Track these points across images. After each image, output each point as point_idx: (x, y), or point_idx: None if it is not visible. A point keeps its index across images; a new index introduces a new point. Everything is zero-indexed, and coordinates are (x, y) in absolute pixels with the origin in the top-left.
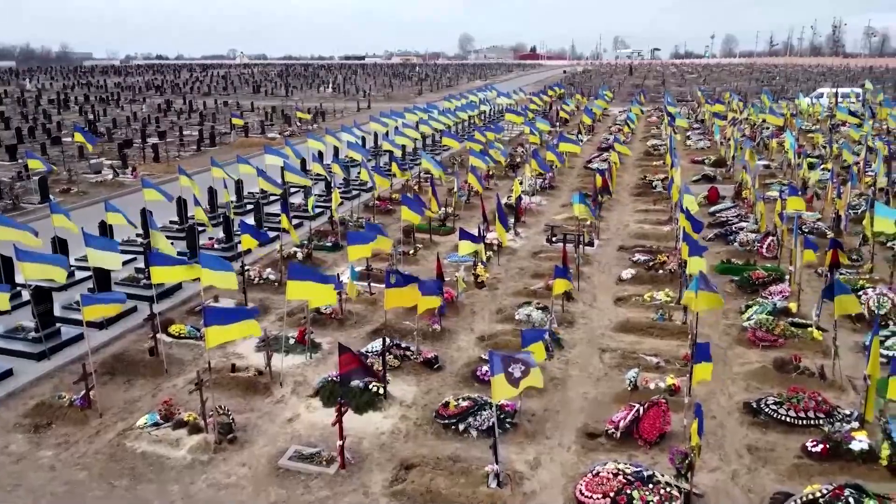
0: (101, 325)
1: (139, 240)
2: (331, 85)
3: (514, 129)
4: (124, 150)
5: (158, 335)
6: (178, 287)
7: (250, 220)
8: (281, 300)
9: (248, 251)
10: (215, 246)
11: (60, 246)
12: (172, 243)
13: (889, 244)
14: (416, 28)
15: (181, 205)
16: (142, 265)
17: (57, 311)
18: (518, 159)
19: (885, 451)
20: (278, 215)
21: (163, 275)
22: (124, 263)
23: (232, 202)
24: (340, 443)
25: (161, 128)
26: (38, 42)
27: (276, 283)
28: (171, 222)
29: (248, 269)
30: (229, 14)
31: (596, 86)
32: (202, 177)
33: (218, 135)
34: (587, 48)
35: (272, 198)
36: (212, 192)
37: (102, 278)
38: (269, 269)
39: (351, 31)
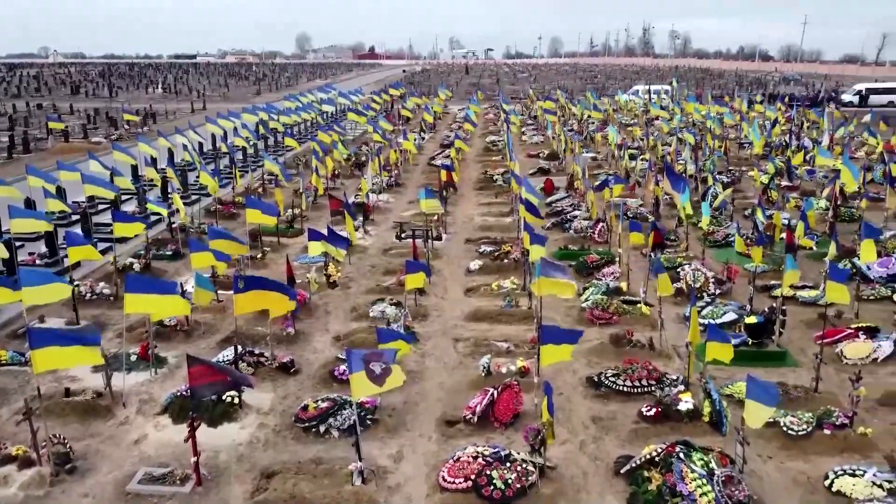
0: None
1: None
2: (160, 85)
3: (357, 129)
4: None
5: None
6: None
7: (77, 230)
8: (118, 315)
9: (77, 265)
10: (37, 262)
11: None
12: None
13: (699, 225)
14: (250, 27)
15: None
16: None
17: None
18: (363, 158)
19: (707, 409)
20: (109, 224)
21: None
22: None
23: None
24: (194, 459)
25: None
26: None
27: (112, 298)
28: None
29: (78, 284)
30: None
31: (435, 84)
32: (18, 186)
33: (33, 140)
34: (425, 48)
35: (100, 206)
36: (29, 203)
37: None
38: (101, 283)
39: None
